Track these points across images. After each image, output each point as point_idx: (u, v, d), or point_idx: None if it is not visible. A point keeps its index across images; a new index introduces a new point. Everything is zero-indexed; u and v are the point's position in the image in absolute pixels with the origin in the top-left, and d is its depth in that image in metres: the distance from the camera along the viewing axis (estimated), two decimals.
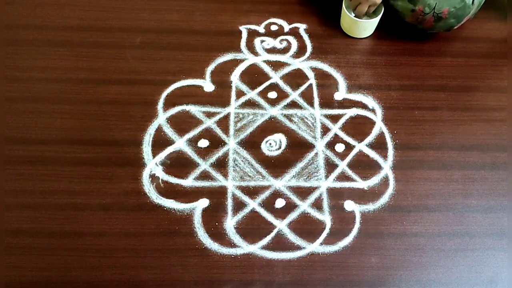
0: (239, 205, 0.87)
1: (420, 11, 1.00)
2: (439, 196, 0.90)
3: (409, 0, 1.01)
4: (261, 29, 1.11)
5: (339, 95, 1.02)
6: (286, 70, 1.05)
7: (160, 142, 0.94)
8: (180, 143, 0.94)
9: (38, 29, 1.08)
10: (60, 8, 1.12)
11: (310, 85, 1.03)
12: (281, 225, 0.86)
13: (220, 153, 0.93)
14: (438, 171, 0.93)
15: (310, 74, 1.05)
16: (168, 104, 0.98)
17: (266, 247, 0.84)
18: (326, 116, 0.99)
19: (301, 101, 1.01)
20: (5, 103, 0.97)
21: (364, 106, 1.00)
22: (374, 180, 0.92)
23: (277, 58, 1.07)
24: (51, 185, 0.88)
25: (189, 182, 0.90)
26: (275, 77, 1.04)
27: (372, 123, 0.98)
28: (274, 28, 1.12)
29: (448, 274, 0.83)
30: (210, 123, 0.97)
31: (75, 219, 0.85)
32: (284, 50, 1.08)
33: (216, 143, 0.94)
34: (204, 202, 0.88)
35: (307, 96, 1.01)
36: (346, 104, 1.01)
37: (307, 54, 1.08)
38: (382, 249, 0.84)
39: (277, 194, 0.89)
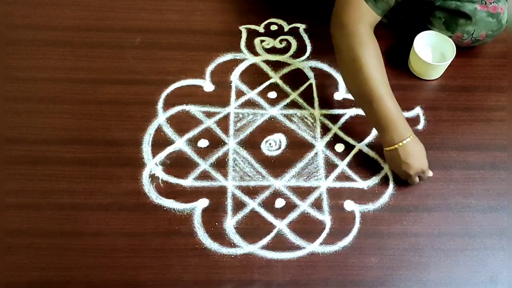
0: (239, 205, 0.87)
1: (458, 37, 1.00)
2: (439, 196, 0.90)
3: (447, 28, 1.01)
4: (261, 29, 1.11)
5: (339, 95, 1.02)
6: (285, 70, 1.05)
7: (160, 142, 0.94)
8: (180, 143, 0.94)
9: (38, 29, 1.08)
10: (60, 8, 1.12)
11: (310, 85, 1.03)
12: (281, 225, 0.86)
13: (220, 153, 0.93)
14: (438, 171, 0.93)
15: (310, 74, 1.05)
16: (168, 104, 0.98)
17: (266, 247, 0.84)
18: (326, 116, 0.99)
19: (301, 101, 1.01)
20: (5, 103, 0.97)
21: None
22: (374, 180, 0.92)
23: (277, 58, 1.07)
24: (51, 185, 0.88)
25: (189, 182, 0.90)
26: (275, 77, 1.04)
27: None
28: (274, 28, 1.12)
29: (448, 274, 0.83)
30: (210, 123, 0.97)
31: (75, 219, 0.85)
32: (284, 50, 1.08)
33: (216, 143, 0.94)
34: (204, 202, 0.88)
35: (307, 96, 1.01)
36: (346, 104, 1.01)
37: (307, 54, 1.08)
38: (382, 249, 0.84)
39: (277, 194, 0.89)
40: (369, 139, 0.96)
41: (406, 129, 0.85)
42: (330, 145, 0.95)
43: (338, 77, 1.04)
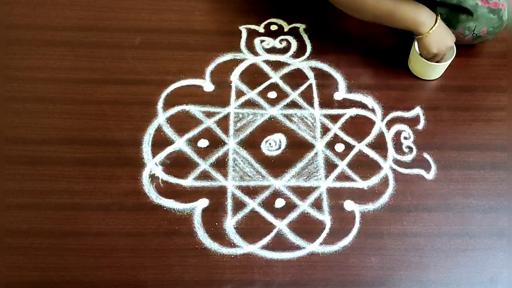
0: (238, 205, 0.87)
1: (459, 33, 1.00)
2: (439, 196, 0.90)
3: (448, 24, 1.00)
4: (260, 29, 1.11)
5: (338, 95, 1.02)
6: (285, 70, 1.05)
7: (160, 142, 0.94)
8: (180, 143, 0.94)
9: (38, 29, 1.08)
10: (60, 8, 1.12)
11: (310, 85, 1.03)
12: (281, 225, 0.86)
13: (220, 153, 0.93)
14: (438, 171, 0.93)
15: (310, 74, 1.05)
16: (167, 104, 0.98)
17: (266, 247, 0.84)
18: (326, 116, 0.99)
19: (300, 101, 1.01)
20: (5, 103, 0.97)
21: (363, 106, 1.00)
22: (374, 180, 0.92)
23: (277, 58, 1.06)
24: (51, 185, 0.88)
25: (188, 182, 0.90)
26: (275, 77, 1.04)
27: (371, 123, 0.98)
28: (273, 28, 1.12)
29: (448, 274, 0.83)
30: (210, 123, 0.97)
31: (74, 219, 0.85)
32: (284, 50, 1.08)
33: (216, 143, 0.94)
34: (203, 202, 0.88)
35: (307, 96, 1.01)
36: (346, 104, 1.01)
37: (307, 54, 1.08)
38: (382, 249, 0.84)
39: (276, 194, 0.89)
40: (368, 139, 0.96)
41: (431, 13, 0.94)
42: (330, 145, 0.95)
43: (338, 77, 1.04)
